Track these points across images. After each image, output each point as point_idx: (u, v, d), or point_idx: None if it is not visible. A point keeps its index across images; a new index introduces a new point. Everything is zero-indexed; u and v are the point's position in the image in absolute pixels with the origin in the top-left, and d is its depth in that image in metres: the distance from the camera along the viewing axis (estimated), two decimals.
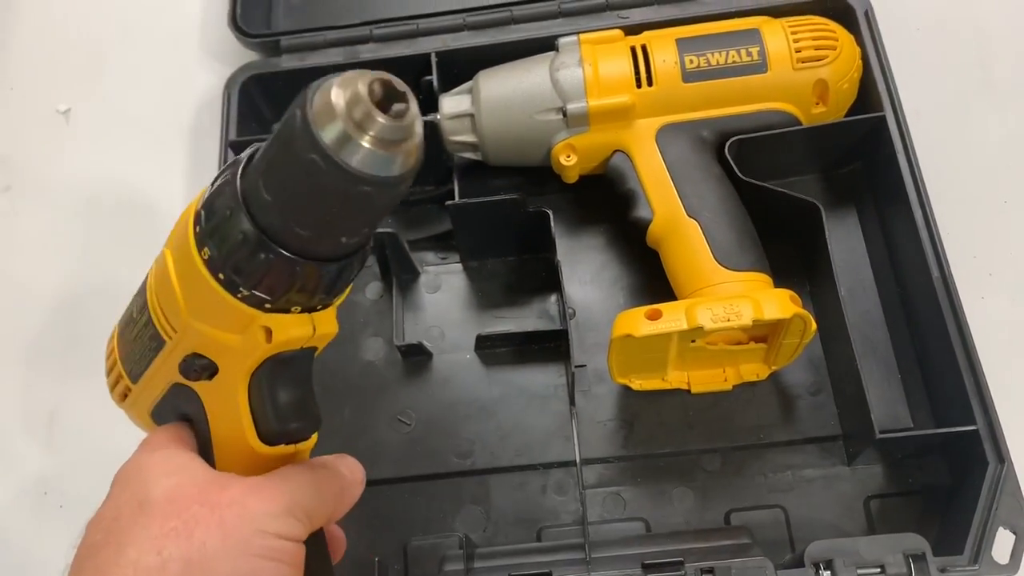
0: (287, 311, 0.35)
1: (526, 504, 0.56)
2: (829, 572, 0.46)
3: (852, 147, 0.60)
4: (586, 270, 0.63)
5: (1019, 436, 0.50)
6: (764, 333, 0.54)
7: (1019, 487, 0.47)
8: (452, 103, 0.60)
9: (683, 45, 0.58)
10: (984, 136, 0.66)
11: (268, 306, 0.34)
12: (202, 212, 0.33)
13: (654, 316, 0.50)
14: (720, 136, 0.58)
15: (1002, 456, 0.48)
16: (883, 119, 0.57)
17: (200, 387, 0.37)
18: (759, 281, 0.53)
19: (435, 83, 0.62)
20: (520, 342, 0.59)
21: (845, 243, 0.61)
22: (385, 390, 0.60)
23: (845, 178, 0.62)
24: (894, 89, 0.58)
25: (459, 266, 0.63)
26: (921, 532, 0.52)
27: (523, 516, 0.56)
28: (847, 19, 0.60)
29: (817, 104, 0.58)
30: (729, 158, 0.57)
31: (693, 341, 0.53)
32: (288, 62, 0.65)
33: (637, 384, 0.57)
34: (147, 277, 0.37)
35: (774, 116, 0.58)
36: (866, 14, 0.60)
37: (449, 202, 0.58)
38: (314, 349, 0.37)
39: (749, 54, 0.57)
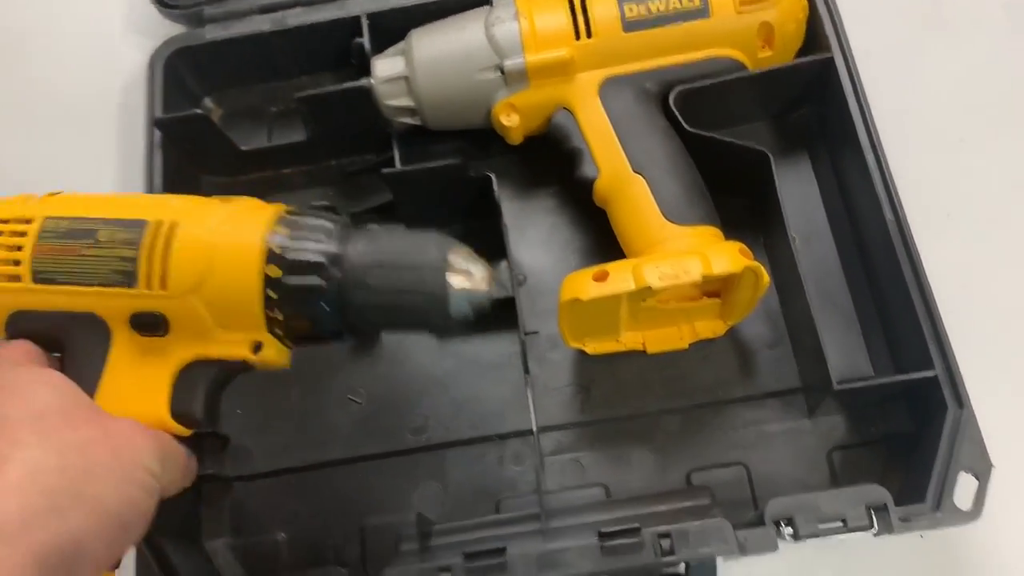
0: (281, 339, 0.41)
1: (484, 477, 0.55)
2: (791, 529, 0.45)
3: (801, 91, 0.58)
4: (536, 233, 0.61)
5: (979, 381, 0.49)
6: (717, 288, 0.53)
7: (979, 432, 0.46)
8: (385, 66, 0.58)
9: None
10: (937, 74, 0.64)
11: (279, 332, 0.41)
12: (288, 237, 0.40)
13: (601, 278, 0.49)
14: (664, 87, 0.56)
15: (961, 401, 0.47)
16: (831, 61, 0.55)
17: (124, 335, 0.40)
18: (709, 235, 0.51)
19: (367, 46, 0.59)
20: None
21: (798, 190, 0.59)
22: (333, 369, 0.58)
23: (796, 123, 0.61)
24: (842, 30, 0.56)
25: None
26: (885, 482, 0.51)
27: (481, 489, 0.54)
28: None
29: (763, 48, 0.56)
30: (674, 110, 0.55)
31: (644, 300, 0.52)
32: (213, 32, 0.62)
33: (592, 348, 0.55)
34: (149, 212, 0.40)
35: (719, 63, 0.56)
36: None
37: (386, 170, 0.55)
38: (251, 369, 0.42)
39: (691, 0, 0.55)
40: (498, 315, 0.56)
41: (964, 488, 0.45)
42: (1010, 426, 0.54)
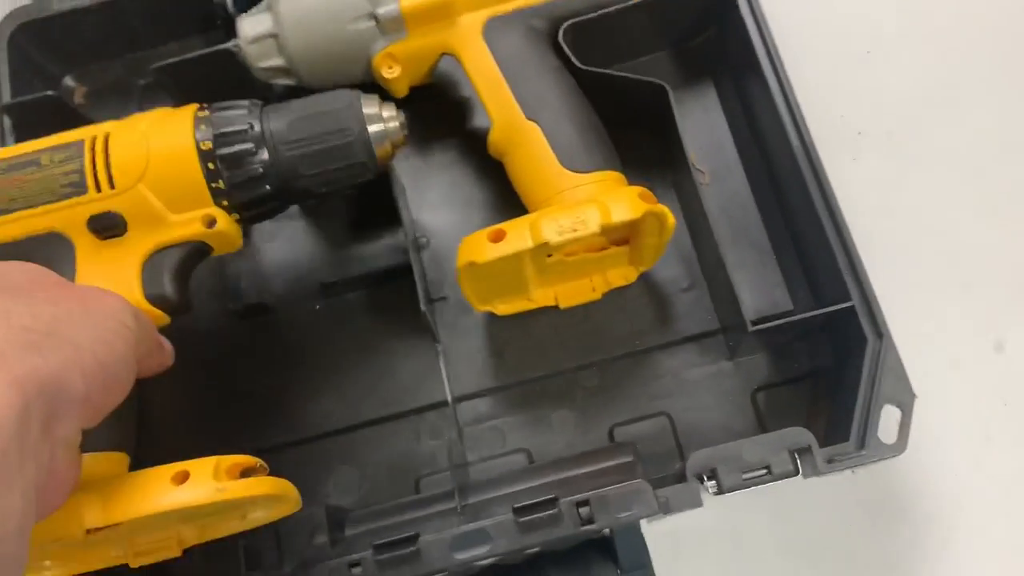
0: (230, 214, 0.45)
1: (400, 455, 0.52)
2: (714, 482, 0.43)
3: (699, 16, 0.55)
4: (436, 192, 0.57)
5: (902, 308, 0.47)
6: (623, 236, 0.50)
7: (900, 362, 0.44)
8: (251, 24, 0.53)
9: None
10: None
11: (226, 203, 0.45)
12: (210, 111, 0.45)
13: (497, 238, 0.46)
14: (553, 23, 0.52)
15: (880, 331, 0.45)
16: None
17: (86, 243, 0.44)
18: (610, 181, 0.48)
19: (229, 4, 0.54)
20: (371, 284, 0.54)
21: (705, 122, 0.56)
22: (230, 359, 0.54)
23: (697, 50, 0.57)
24: None
25: (295, 208, 0.57)
26: (812, 419, 0.50)
27: (399, 468, 0.52)
28: None
29: None
30: (565, 47, 0.51)
31: (549, 256, 0.49)
32: (60, 3, 0.56)
33: (502, 309, 0.52)
34: (81, 135, 0.44)
35: None
36: None
37: None
38: (211, 250, 0.46)
39: None
40: (403, 282, 0.54)
41: (889, 420, 0.44)
42: (935, 349, 0.53)
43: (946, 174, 0.57)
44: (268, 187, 0.46)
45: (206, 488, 0.37)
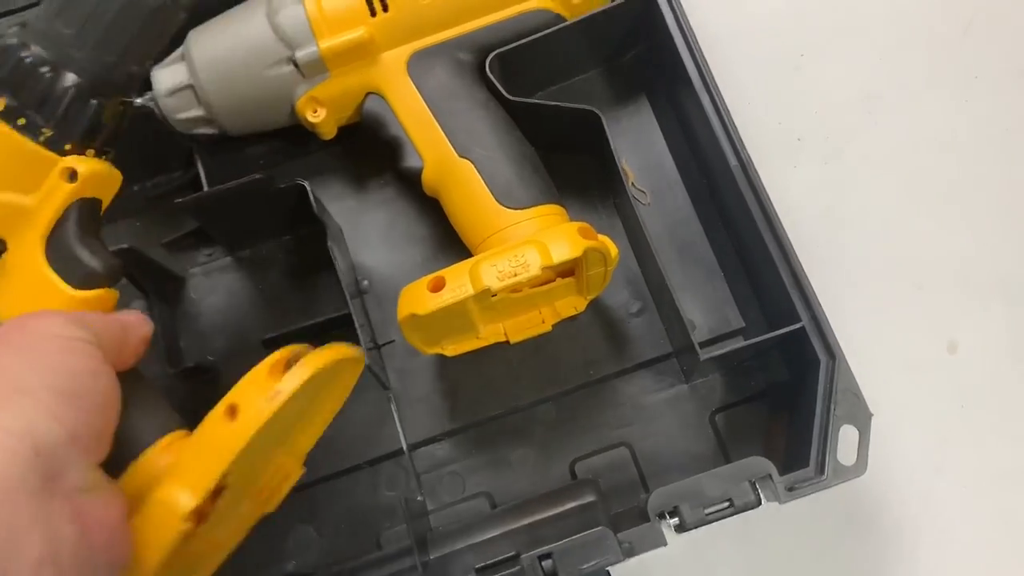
0: (83, 154, 0.40)
1: (359, 509, 0.51)
2: (677, 519, 0.42)
3: (627, 33, 0.54)
4: (374, 231, 0.56)
5: (851, 314, 0.47)
6: (568, 268, 0.49)
7: (854, 380, 0.44)
8: (166, 76, 0.50)
9: None
10: None
11: (68, 147, 0.40)
12: None
13: (437, 287, 0.44)
14: (479, 54, 0.51)
15: (832, 351, 0.44)
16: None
17: None
18: (550, 215, 0.47)
19: None
20: (314, 335, 0.52)
21: (644, 139, 0.55)
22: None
23: (629, 67, 0.56)
24: None
25: (230, 259, 0.55)
26: (771, 437, 0.49)
27: (359, 523, 0.50)
28: None
29: None
30: (492, 78, 0.50)
31: (494, 295, 0.48)
32: None
33: (451, 350, 0.51)
34: None
35: (533, 17, 0.50)
36: None
37: (177, 200, 0.49)
38: (100, 202, 0.42)
39: None
40: (347, 330, 0.53)
41: (847, 440, 0.43)
42: (888, 354, 0.53)
43: (888, 176, 0.56)
44: (93, 101, 0.40)
45: (260, 402, 0.34)
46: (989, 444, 0.52)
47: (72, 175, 0.40)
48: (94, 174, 0.41)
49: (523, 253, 0.44)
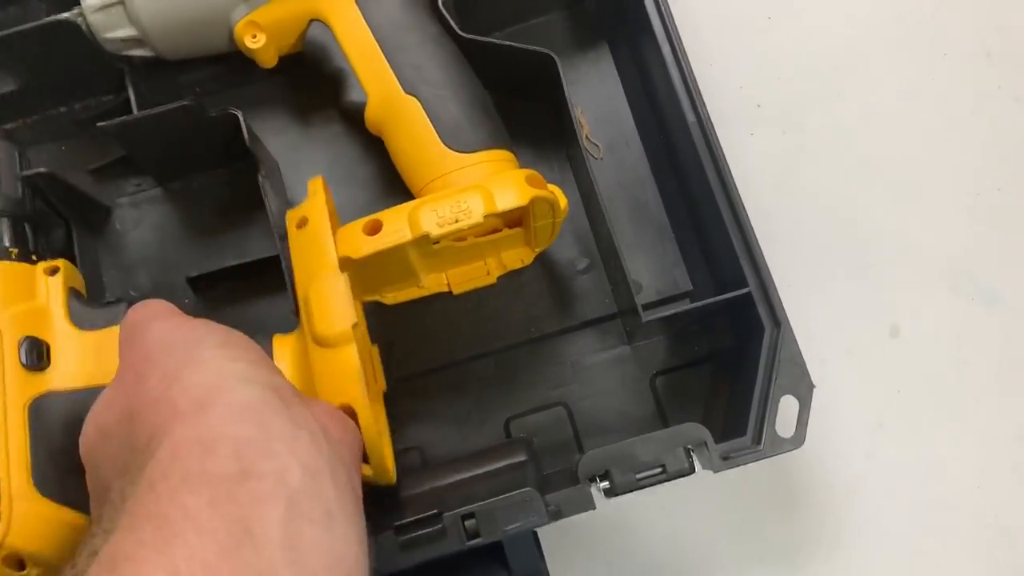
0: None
1: None
2: (607, 483, 0.41)
3: None
4: (315, 170, 0.52)
5: (797, 289, 0.45)
6: (515, 218, 0.47)
7: (798, 351, 0.42)
8: None
9: None
10: None
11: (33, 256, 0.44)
12: None
13: (373, 230, 0.42)
14: None
15: (777, 319, 0.43)
16: None
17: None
18: (498, 160, 0.45)
19: None
20: (242, 276, 0.49)
21: (600, 90, 0.53)
22: None
23: (591, 11, 0.54)
24: None
25: (159, 191, 0.52)
26: (711, 403, 0.48)
27: None
28: None
29: None
30: (445, 12, 0.47)
31: (436, 243, 0.45)
32: None
33: (390, 298, 0.49)
34: None
35: None
36: None
37: (100, 123, 0.46)
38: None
39: None
40: (278, 272, 0.50)
41: (787, 411, 0.42)
42: (830, 333, 0.51)
43: (846, 151, 0.55)
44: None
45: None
46: (922, 432, 0.51)
47: (54, 270, 0.43)
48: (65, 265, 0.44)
49: (466, 199, 0.41)
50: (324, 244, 0.41)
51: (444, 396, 0.49)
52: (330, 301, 0.39)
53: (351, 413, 0.38)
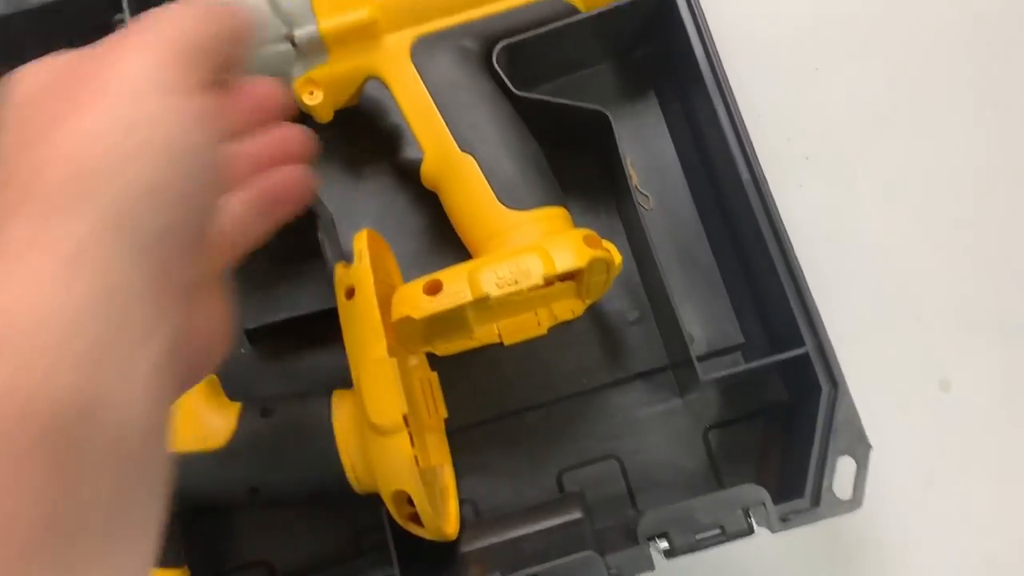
0: None
1: (339, 511, 0.49)
2: (667, 543, 0.41)
3: (641, 29, 0.52)
4: (366, 221, 0.53)
5: (847, 341, 0.45)
6: (568, 275, 0.47)
7: (855, 411, 0.42)
8: None
9: None
10: None
11: None
12: None
13: (433, 290, 0.42)
14: (487, 44, 0.48)
15: (835, 380, 0.43)
16: None
17: None
18: (554, 218, 0.45)
19: (128, 20, 0.49)
20: (299, 327, 0.50)
21: (650, 140, 0.53)
22: None
23: (641, 63, 0.54)
24: None
25: None
26: (764, 459, 0.48)
27: (336, 526, 0.49)
28: None
29: None
30: (499, 70, 0.47)
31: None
32: None
33: (442, 349, 0.49)
34: None
35: (545, 7, 0.48)
36: None
37: None
38: None
39: None
40: (335, 323, 0.51)
41: (843, 470, 0.42)
42: (881, 386, 0.51)
43: (895, 202, 0.54)
44: None
45: None
46: (975, 487, 0.51)
47: None
48: None
49: (525, 260, 0.42)
50: (373, 324, 0.41)
51: (496, 448, 0.50)
52: (380, 390, 0.40)
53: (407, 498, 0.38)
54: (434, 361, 0.50)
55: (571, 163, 0.51)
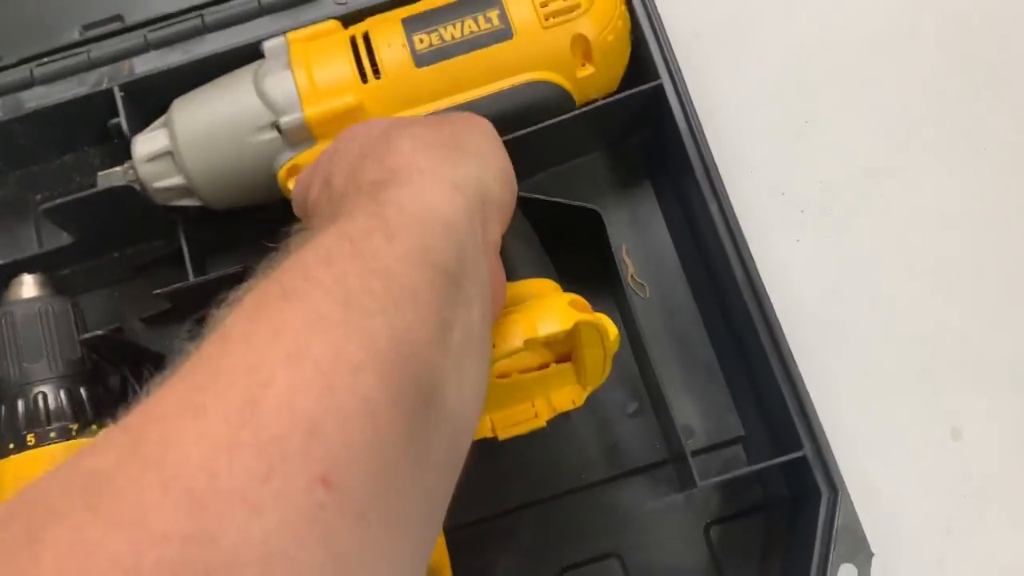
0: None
1: None
2: None
3: (633, 117, 0.51)
4: None
5: (855, 395, 0.44)
6: (564, 350, 0.46)
7: (856, 517, 0.42)
8: (146, 142, 0.48)
9: (410, 24, 0.47)
10: (775, 48, 0.57)
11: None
12: None
13: None
14: None
15: (835, 485, 0.42)
16: (661, 88, 0.48)
17: None
18: (542, 289, 0.44)
19: (124, 125, 0.49)
20: None
21: (646, 228, 0.53)
22: None
23: (635, 150, 0.54)
24: (670, 54, 0.48)
25: None
26: (768, 554, 0.48)
27: None
28: None
29: (583, 65, 0.47)
30: None
31: None
32: None
33: None
34: None
35: (534, 89, 0.47)
36: None
37: (158, 291, 0.47)
38: None
39: (488, 20, 0.46)
40: None
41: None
42: (892, 437, 0.50)
43: (894, 252, 0.54)
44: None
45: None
46: (993, 536, 0.50)
47: None
48: None
49: (505, 324, 0.40)
50: None
51: (495, 548, 0.49)
52: None
53: None
54: None
55: (567, 254, 0.51)
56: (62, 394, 0.45)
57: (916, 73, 0.57)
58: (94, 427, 0.45)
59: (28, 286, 0.48)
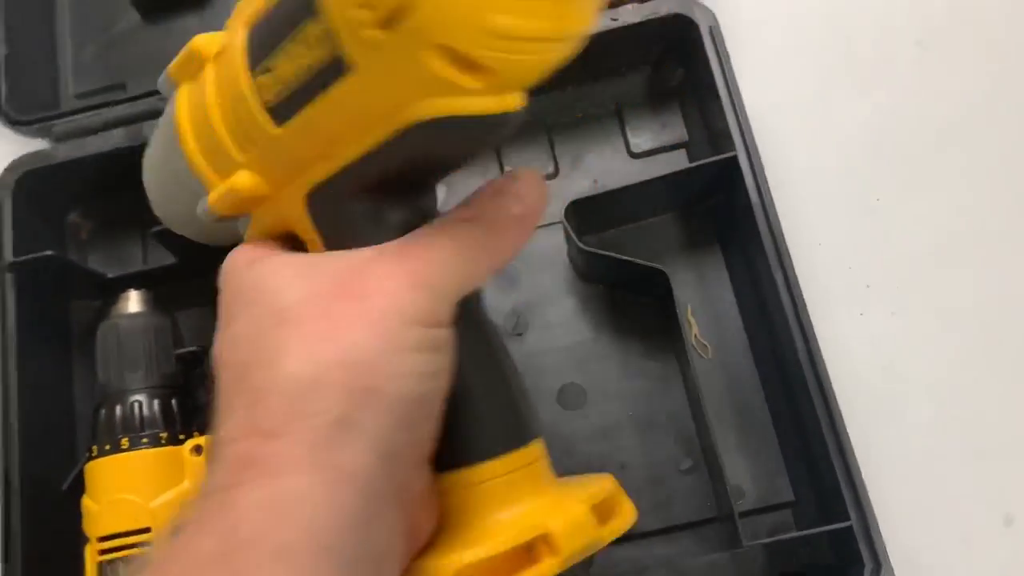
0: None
1: None
2: None
3: (707, 183, 0.53)
4: None
5: (909, 475, 0.45)
6: None
7: None
8: None
9: (252, 54, 0.31)
10: (850, 124, 0.59)
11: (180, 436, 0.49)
12: None
13: None
14: (386, 187, 0.31)
15: (878, 559, 0.43)
16: (735, 159, 0.50)
17: None
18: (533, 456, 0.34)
19: None
20: None
21: (712, 290, 0.55)
22: None
23: (707, 214, 0.56)
24: (746, 125, 0.50)
25: None
26: None
27: None
28: (688, 38, 0.53)
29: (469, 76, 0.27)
30: (564, 221, 0.50)
31: None
32: (64, 151, 0.56)
33: None
34: None
35: (424, 132, 0.27)
36: (711, 31, 0.52)
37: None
38: None
39: (311, 44, 0.27)
40: None
41: None
42: (943, 521, 0.51)
43: (957, 334, 0.54)
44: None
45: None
46: None
47: (197, 449, 0.48)
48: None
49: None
50: None
51: None
52: None
53: None
54: None
55: (633, 305, 0.53)
56: (156, 403, 0.49)
57: (988, 160, 0.58)
58: (182, 436, 0.48)
59: (134, 301, 0.52)
